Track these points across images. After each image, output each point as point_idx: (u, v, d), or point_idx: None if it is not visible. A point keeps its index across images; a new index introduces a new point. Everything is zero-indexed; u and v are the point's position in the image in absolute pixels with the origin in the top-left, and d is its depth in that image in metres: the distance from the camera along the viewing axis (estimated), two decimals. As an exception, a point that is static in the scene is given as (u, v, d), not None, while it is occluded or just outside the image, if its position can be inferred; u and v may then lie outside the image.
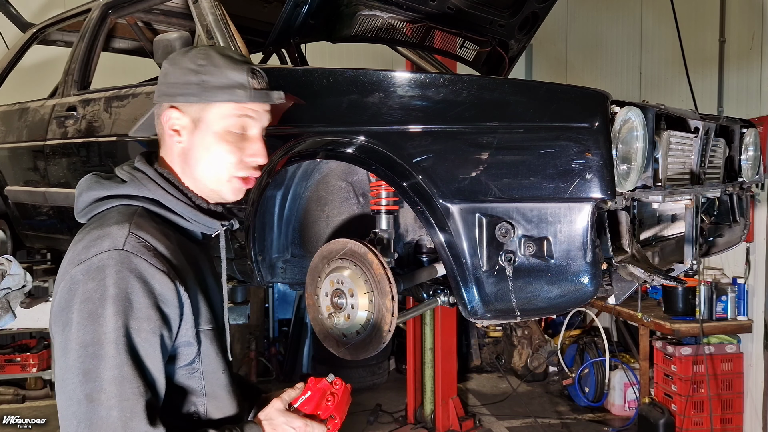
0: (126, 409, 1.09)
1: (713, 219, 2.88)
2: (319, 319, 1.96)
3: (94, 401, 1.09)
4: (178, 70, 1.31)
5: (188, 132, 1.32)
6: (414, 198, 1.73)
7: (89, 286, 1.13)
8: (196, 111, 1.31)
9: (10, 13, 3.80)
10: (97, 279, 1.13)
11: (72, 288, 1.15)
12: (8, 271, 3.06)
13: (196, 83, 1.29)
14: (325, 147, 1.89)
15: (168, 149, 1.35)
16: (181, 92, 1.30)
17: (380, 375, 6.38)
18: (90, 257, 1.15)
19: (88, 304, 1.12)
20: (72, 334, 1.12)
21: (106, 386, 1.10)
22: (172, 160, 1.34)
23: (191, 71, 1.30)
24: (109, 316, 1.12)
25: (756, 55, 4.64)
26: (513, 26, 3.25)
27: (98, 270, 1.14)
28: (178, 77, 1.30)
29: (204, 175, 1.33)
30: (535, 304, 1.71)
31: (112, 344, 1.11)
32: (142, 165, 1.33)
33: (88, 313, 1.12)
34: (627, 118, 1.69)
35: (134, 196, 1.29)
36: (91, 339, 1.11)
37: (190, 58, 1.32)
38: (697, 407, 4.66)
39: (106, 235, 1.18)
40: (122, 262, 1.14)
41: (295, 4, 2.29)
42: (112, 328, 1.11)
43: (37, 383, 5.92)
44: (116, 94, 2.74)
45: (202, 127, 1.31)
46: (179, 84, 1.30)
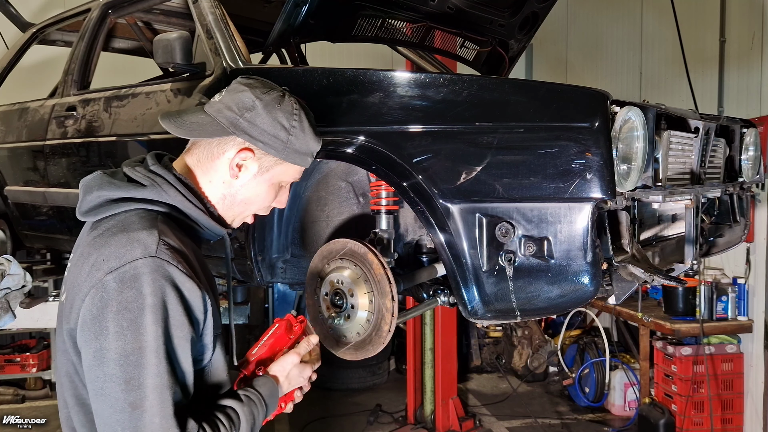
0: (167, 416, 1.14)
1: (713, 219, 2.88)
2: (319, 320, 1.96)
3: (137, 409, 1.13)
4: (269, 119, 1.35)
5: (250, 175, 1.38)
6: (414, 198, 1.72)
7: (126, 295, 1.14)
8: (269, 162, 1.39)
9: (10, 12, 3.80)
10: (133, 287, 1.15)
11: (105, 296, 1.15)
12: (8, 271, 3.07)
13: (283, 141, 1.37)
14: (325, 147, 1.88)
15: (213, 173, 1.38)
16: (265, 141, 1.35)
17: (380, 375, 6.38)
18: (123, 265, 1.16)
19: (126, 313, 1.14)
20: (110, 343, 1.14)
21: (149, 394, 1.13)
22: (209, 178, 1.38)
23: (283, 128, 1.36)
24: (149, 325, 1.14)
25: (756, 54, 4.63)
26: (513, 26, 3.24)
27: (133, 278, 1.15)
28: (267, 126, 1.35)
29: (237, 209, 1.42)
30: (536, 304, 1.70)
31: (154, 353, 1.14)
32: (160, 169, 1.34)
33: (128, 322, 1.14)
34: (627, 117, 1.69)
35: (153, 200, 1.30)
36: (132, 348, 1.13)
37: (285, 114, 1.37)
38: (697, 407, 4.66)
39: (136, 242, 1.18)
40: (157, 270, 1.16)
41: (295, 4, 2.28)
42: (153, 337, 1.14)
43: (36, 383, 5.92)
44: (116, 94, 2.74)
45: (265, 176, 1.40)
46: (267, 133, 1.35)
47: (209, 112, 1.36)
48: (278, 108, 1.36)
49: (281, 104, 1.37)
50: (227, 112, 1.35)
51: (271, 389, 1.39)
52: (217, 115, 1.35)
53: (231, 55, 2.26)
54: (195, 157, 1.40)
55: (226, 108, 1.35)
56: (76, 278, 1.23)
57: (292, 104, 1.39)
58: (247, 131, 1.34)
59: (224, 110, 1.35)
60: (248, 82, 1.39)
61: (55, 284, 3.74)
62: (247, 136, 1.35)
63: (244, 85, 1.38)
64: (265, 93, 1.37)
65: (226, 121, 1.34)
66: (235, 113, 1.34)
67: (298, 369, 1.47)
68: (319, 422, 5.44)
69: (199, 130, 1.36)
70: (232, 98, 1.36)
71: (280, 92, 1.40)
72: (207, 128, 1.36)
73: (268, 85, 1.40)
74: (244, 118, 1.34)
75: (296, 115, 1.38)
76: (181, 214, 1.33)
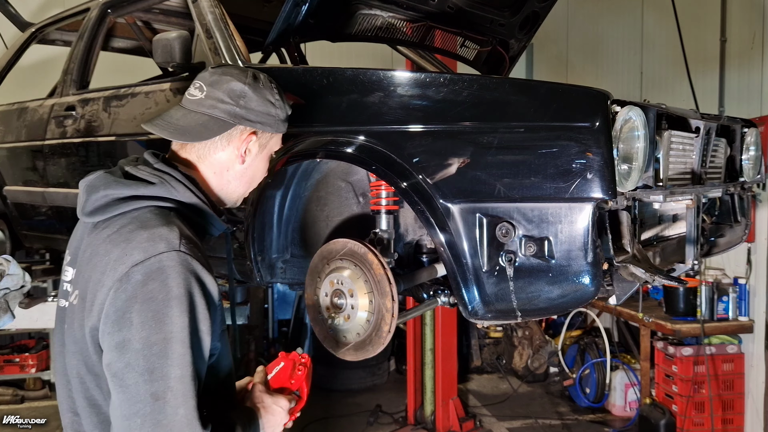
0: (190, 407, 1.13)
1: (714, 219, 2.88)
2: (318, 320, 1.95)
3: (159, 399, 1.11)
4: (260, 99, 1.41)
5: (253, 155, 1.45)
6: (414, 198, 1.72)
7: (151, 287, 1.15)
8: (266, 139, 1.47)
9: (9, 12, 3.79)
10: (158, 279, 1.15)
11: (130, 288, 1.15)
12: (7, 271, 3.06)
13: (274, 116, 1.44)
14: (325, 147, 1.88)
15: (218, 164, 1.41)
16: (262, 121, 1.42)
17: (380, 376, 6.37)
18: (148, 258, 1.16)
19: (151, 304, 1.14)
20: (134, 334, 1.13)
21: (173, 384, 1.12)
22: (214, 170, 1.41)
23: (271, 104, 1.43)
24: (176, 316, 1.14)
25: (757, 54, 4.63)
26: (513, 25, 3.24)
27: (159, 271, 1.16)
28: (260, 107, 1.41)
29: (242, 189, 1.48)
30: (536, 305, 1.70)
31: (179, 343, 1.14)
32: (165, 167, 1.35)
33: (152, 313, 1.13)
34: (628, 117, 1.68)
35: (163, 197, 1.31)
36: (156, 338, 1.13)
37: (267, 89, 1.44)
38: (698, 408, 4.66)
39: (159, 237, 1.19)
40: (182, 263, 1.18)
41: (294, 4, 2.28)
42: (179, 328, 1.14)
43: (36, 384, 5.91)
44: (115, 93, 2.73)
45: (264, 152, 1.48)
46: (262, 113, 1.42)
47: (201, 110, 1.38)
48: (262, 87, 1.43)
49: (262, 83, 1.44)
50: (222, 105, 1.38)
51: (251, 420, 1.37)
52: (213, 111, 1.38)
53: (230, 55, 2.25)
54: (195, 153, 1.42)
55: (219, 102, 1.38)
56: (91, 276, 1.23)
57: (266, 79, 1.46)
58: (246, 117, 1.40)
59: (219, 104, 1.38)
60: (225, 71, 1.43)
61: (54, 284, 3.73)
62: (247, 122, 1.41)
63: (224, 74, 1.42)
64: (246, 76, 1.42)
65: (225, 114, 1.38)
66: (230, 104, 1.38)
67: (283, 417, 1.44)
68: (319, 422, 5.43)
69: (206, 132, 1.38)
70: (222, 90, 1.39)
71: (251, 71, 1.45)
72: (211, 127, 1.38)
73: (240, 68, 1.46)
74: (240, 106, 1.39)
75: (275, 88, 1.46)
76: (189, 210, 1.35)
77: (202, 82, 1.42)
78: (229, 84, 1.39)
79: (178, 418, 1.11)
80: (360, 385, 6.18)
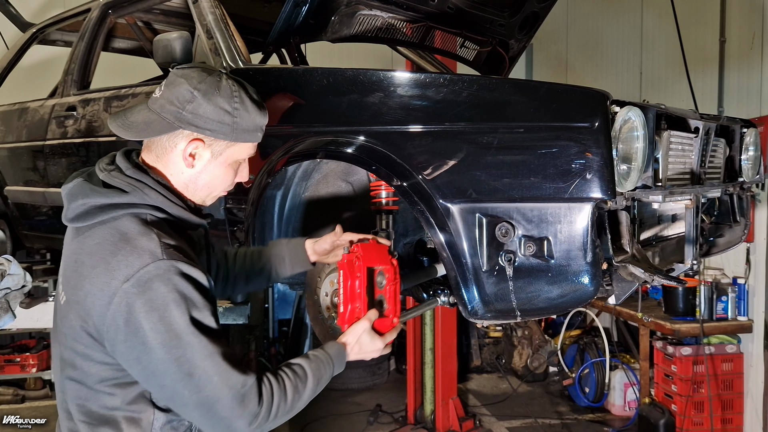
0: (222, 372, 1.28)
1: (713, 219, 2.88)
2: (318, 319, 1.96)
3: (194, 376, 1.27)
4: (211, 106, 1.39)
5: (204, 161, 1.44)
6: (414, 198, 1.72)
7: (147, 296, 1.26)
8: (220, 147, 1.44)
9: (10, 12, 3.80)
10: (151, 289, 1.27)
11: (129, 301, 1.26)
12: (8, 271, 3.06)
13: (229, 124, 1.41)
14: (325, 147, 1.88)
15: (172, 166, 1.44)
16: (211, 128, 1.40)
17: (380, 375, 6.38)
18: (136, 272, 1.27)
19: (153, 312, 1.26)
20: (149, 338, 1.26)
21: (200, 363, 1.27)
22: (170, 172, 1.44)
23: (226, 112, 1.40)
24: (177, 317, 1.27)
25: (756, 54, 4.63)
26: (513, 26, 3.24)
27: (149, 281, 1.27)
28: (210, 114, 1.39)
29: (202, 193, 1.48)
30: (536, 305, 1.70)
31: (191, 334, 1.27)
32: (137, 174, 1.40)
33: (157, 318, 1.26)
34: (627, 117, 1.69)
35: (138, 204, 1.37)
36: (169, 337, 1.26)
37: (224, 97, 1.40)
38: (697, 407, 4.66)
39: (141, 250, 1.29)
40: (168, 269, 1.28)
41: (295, 4, 2.28)
42: (184, 324, 1.27)
43: (36, 383, 5.91)
44: (116, 94, 2.74)
45: (219, 159, 1.45)
46: (212, 120, 1.39)
47: (153, 109, 1.40)
48: (217, 94, 1.39)
49: (219, 89, 1.40)
50: (169, 106, 1.38)
51: (338, 351, 1.52)
52: (161, 111, 1.39)
53: (231, 55, 2.26)
54: (153, 153, 1.45)
55: (168, 103, 1.39)
56: (79, 284, 1.32)
57: (230, 86, 1.42)
58: (192, 122, 1.39)
59: (167, 105, 1.39)
60: (183, 73, 1.41)
61: (54, 284, 3.73)
62: (193, 127, 1.39)
63: (180, 77, 1.41)
64: (201, 82, 1.39)
65: (170, 116, 1.38)
66: (176, 107, 1.38)
67: (369, 336, 1.56)
68: (319, 422, 5.44)
69: (147, 130, 1.41)
70: (171, 92, 1.39)
71: (217, 77, 1.42)
72: (154, 126, 1.40)
73: (205, 71, 1.43)
74: (187, 111, 1.38)
75: (236, 97, 1.41)
76: (163, 212, 1.40)
77: (164, 81, 1.44)
78: (179, 88, 1.38)
79: (214, 383, 1.27)
80: (360, 384, 6.18)
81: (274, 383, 1.36)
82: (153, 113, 1.40)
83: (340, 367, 1.53)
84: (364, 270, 1.58)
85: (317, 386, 1.44)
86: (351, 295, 1.58)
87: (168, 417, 1.39)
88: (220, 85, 1.40)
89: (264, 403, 1.32)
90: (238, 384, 1.29)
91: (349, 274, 1.58)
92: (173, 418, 1.40)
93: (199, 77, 1.40)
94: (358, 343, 1.56)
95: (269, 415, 1.33)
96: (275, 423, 1.36)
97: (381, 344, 1.58)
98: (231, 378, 1.29)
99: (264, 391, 1.33)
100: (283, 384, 1.37)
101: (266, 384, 1.35)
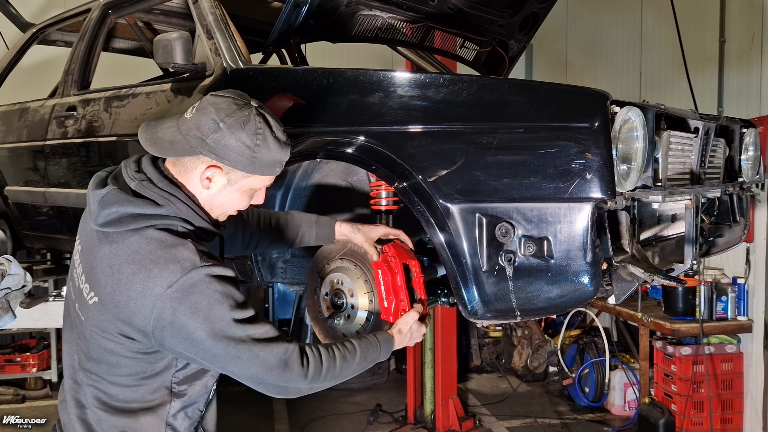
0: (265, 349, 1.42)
1: (713, 219, 2.88)
2: (319, 320, 1.96)
3: (241, 358, 1.40)
4: (233, 139, 1.45)
5: (219, 186, 1.51)
6: (414, 198, 1.73)
7: (192, 299, 1.37)
8: (237, 176, 1.51)
9: (10, 13, 3.80)
10: (195, 293, 1.37)
11: (173, 305, 1.37)
12: (8, 271, 3.06)
13: (248, 158, 1.47)
14: (325, 147, 1.89)
15: (192, 185, 1.52)
16: (230, 159, 1.46)
17: (380, 375, 6.38)
18: (178, 279, 1.37)
19: (198, 313, 1.37)
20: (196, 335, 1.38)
21: (245, 348, 1.40)
22: (190, 189, 1.52)
23: (247, 147, 1.46)
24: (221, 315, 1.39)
25: (756, 55, 4.63)
26: (513, 26, 3.24)
27: (192, 286, 1.38)
28: (232, 146, 1.45)
29: (217, 212, 1.57)
30: (536, 304, 1.71)
31: (235, 328, 1.40)
32: (170, 187, 1.49)
33: (203, 319, 1.37)
34: (627, 118, 1.69)
35: (170, 216, 1.46)
36: (215, 333, 1.38)
37: (248, 134, 1.45)
38: (697, 407, 4.66)
39: (182, 258, 1.40)
40: (207, 274, 1.40)
41: (295, 4, 2.28)
42: (227, 321, 1.39)
43: (37, 383, 5.91)
44: (116, 94, 2.74)
45: (235, 186, 1.53)
46: (233, 152, 1.46)
47: (181, 130, 1.46)
48: (241, 130, 1.45)
49: (245, 126, 1.45)
50: (195, 132, 1.45)
51: (386, 338, 1.66)
52: (187, 134, 1.45)
53: (231, 56, 2.26)
54: (177, 168, 1.52)
55: (194, 128, 1.45)
56: (116, 287, 1.40)
57: (256, 123, 1.47)
58: (213, 151, 1.45)
59: (193, 130, 1.45)
60: (215, 102, 1.47)
61: (55, 284, 3.73)
62: (213, 156, 1.46)
63: (211, 105, 1.47)
64: (229, 115, 1.45)
65: (194, 141, 1.45)
66: (201, 135, 1.44)
67: (417, 325, 1.73)
68: (319, 422, 5.44)
69: (172, 150, 1.47)
70: (199, 119, 1.45)
71: (246, 112, 1.47)
72: (178, 147, 1.47)
73: (236, 104, 1.47)
74: (210, 139, 1.44)
75: (260, 134, 1.47)
76: (190, 224, 1.49)
77: (197, 104, 1.50)
78: (207, 118, 1.44)
79: (259, 361, 1.41)
80: (360, 384, 6.18)
81: (323, 350, 1.52)
82: (180, 134, 1.46)
83: (386, 354, 1.66)
84: (401, 266, 1.74)
85: (363, 362, 1.59)
86: (394, 289, 1.74)
87: (183, 403, 1.55)
88: (247, 121, 1.46)
89: (311, 365, 1.47)
90: (280, 352, 1.43)
91: (388, 272, 1.74)
92: (187, 404, 1.55)
93: (228, 110, 1.45)
94: (409, 331, 1.72)
95: (319, 376, 1.48)
96: (327, 383, 1.52)
97: (425, 330, 1.77)
98: (273, 351, 1.42)
99: (310, 355, 1.48)
100: (333, 352, 1.53)
101: (313, 350, 1.50)
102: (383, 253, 1.77)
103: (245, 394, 5.64)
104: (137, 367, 1.47)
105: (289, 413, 5.58)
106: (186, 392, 1.55)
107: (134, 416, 1.50)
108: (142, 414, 1.51)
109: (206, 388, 1.60)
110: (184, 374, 1.54)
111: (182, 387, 1.55)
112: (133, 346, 1.45)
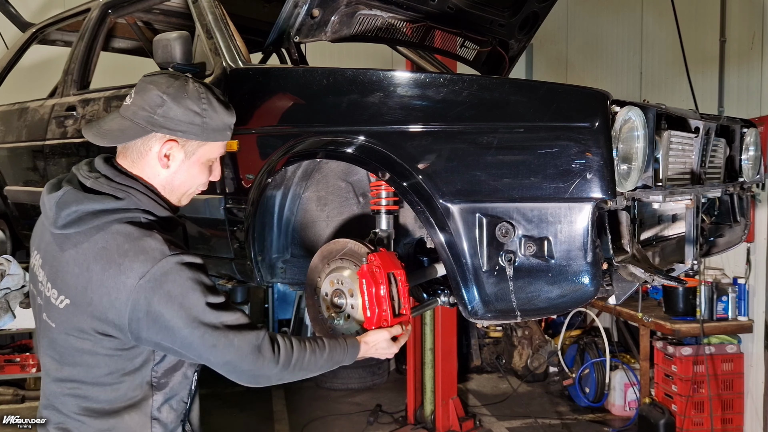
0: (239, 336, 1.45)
1: (714, 219, 2.88)
2: (318, 320, 1.96)
3: (217, 347, 1.43)
4: (181, 108, 1.49)
5: (178, 161, 1.54)
6: (414, 198, 1.72)
7: (165, 289, 1.39)
8: (193, 147, 1.54)
9: (10, 12, 3.79)
10: (168, 281, 1.39)
11: (147, 296, 1.38)
12: (8, 271, 3.06)
13: (199, 125, 1.51)
14: (325, 147, 1.88)
15: (148, 169, 1.53)
16: (183, 129, 1.50)
17: (380, 375, 6.38)
18: (150, 269, 1.39)
19: (173, 302, 1.39)
20: (171, 324, 1.39)
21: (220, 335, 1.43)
22: (147, 175, 1.53)
23: (195, 113, 1.50)
24: (195, 301, 1.41)
25: (756, 54, 4.63)
26: (513, 26, 3.24)
27: (163, 276, 1.39)
28: (181, 116, 1.49)
29: (178, 192, 1.59)
30: (536, 305, 1.70)
31: (209, 314, 1.42)
32: (127, 180, 1.50)
33: (178, 306, 1.39)
34: (627, 117, 1.69)
35: (131, 209, 1.47)
36: (191, 320, 1.40)
37: (192, 100, 1.50)
38: (697, 407, 4.66)
39: (150, 249, 1.41)
40: (177, 262, 1.41)
41: (294, 4, 2.28)
42: (202, 307, 1.42)
43: (36, 383, 5.91)
44: (116, 93, 2.74)
45: (193, 159, 1.56)
46: (183, 122, 1.50)
47: (126, 116, 1.50)
48: (185, 97, 1.50)
49: (187, 93, 1.50)
50: (141, 112, 1.48)
51: (353, 344, 1.68)
52: (134, 117, 1.48)
53: (231, 55, 2.26)
54: (129, 159, 1.53)
55: (140, 109, 1.48)
56: (87, 286, 1.41)
57: (197, 89, 1.52)
58: (164, 125, 1.49)
59: (139, 111, 1.48)
60: (151, 80, 1.51)
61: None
62: (166, 130, 1.49)
63: (149, 83, 1.50)
64: (170, 86, 1.50)
65: (143, 121, 1.48)
66: (148, 112, 1.47)
67: (386, 344, 1.73)
68: (319, 422, 5.44)
69: (122, 136, 1.50)
70: (142, 99, 1.49)
71: (183, 81, 1.51)
72: (129, 132, 1.49)
73: (172, 77, 1.53)
74: (158, 114, 1.47)
75: (203, 98, 1.52)
76: (152, 215, 1.51)
77: (134, 89, 1.52)
78: (149, 93, 1.48)
79: (234, 348, 1.44)
80: (360, 384, 6.19)
81: (294, 340, 1.56)
82: (126, 120, 1.49)
83: (351, 360, 1.67)
84: (385, 276, 1.71)
85: (330, 361, 1.61)
86: (377, 300, 1.71)
87: (165, 396, 1.55)
88: (187, 88, 1.50)
89: (282, 352, 1.50)
90: (253, 339, 1.47)
91: (372, 282, 1.70)
92: (170, 396, 1.56)
93: (167, 82, 1.50)
94: (375, 347, 1.72)
95: (289, 363, 1.52)
96: (295, 374, 1.55)
97: (395, 349, 1.75)
98: (246, 337, 1.46)
99: (280, 342, 1.52)
100: (303, 343, 1.56)
101: (284, 338, 1.53)
102: (368, 263, 1.73)
103: (245, 394, 5.64)
104: (116, 364, 1.47)
105: (289, 413, 5.58)
106: (167, 384, 1.56)
107: (118, 416, 1.50)
108: (126, 412, 1.50)
109: (186, 378, 1.60)
110: (163, 368, 1.54)
111: (163, 380, 1.55)
112: (110, 344, 1.45)
